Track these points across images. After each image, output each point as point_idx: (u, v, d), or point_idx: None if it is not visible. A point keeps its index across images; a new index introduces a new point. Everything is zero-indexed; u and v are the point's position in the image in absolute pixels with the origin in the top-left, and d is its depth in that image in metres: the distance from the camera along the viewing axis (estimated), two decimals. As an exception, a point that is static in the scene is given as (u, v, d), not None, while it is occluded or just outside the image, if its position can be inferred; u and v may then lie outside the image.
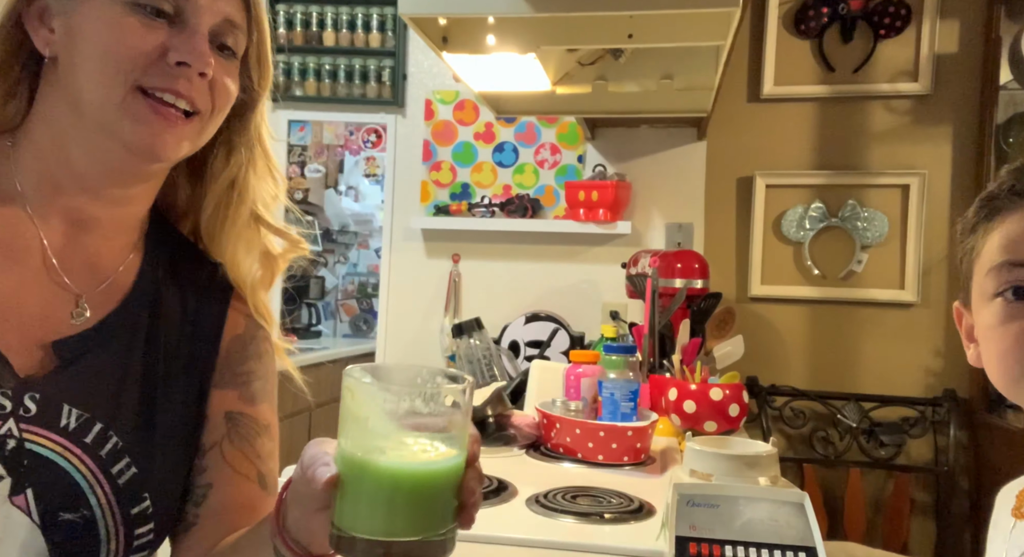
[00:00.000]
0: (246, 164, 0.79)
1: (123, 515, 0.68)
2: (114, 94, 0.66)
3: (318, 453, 0.56)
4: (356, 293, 4.55)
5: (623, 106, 2.27)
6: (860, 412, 2.51)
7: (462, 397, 0.56)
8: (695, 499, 0.94)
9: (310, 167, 4.54)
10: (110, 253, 0.74)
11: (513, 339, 2.70)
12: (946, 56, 2.51)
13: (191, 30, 0.69)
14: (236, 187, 0.79)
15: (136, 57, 0.66)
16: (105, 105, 0.67)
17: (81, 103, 0.68)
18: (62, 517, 0.65)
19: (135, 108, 0.67)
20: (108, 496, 0.67)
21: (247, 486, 0.76)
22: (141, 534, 0.69)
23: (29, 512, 0.64)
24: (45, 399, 0.66)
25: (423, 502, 0.56)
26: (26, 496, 0.64)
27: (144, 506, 0.69)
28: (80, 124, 0.69)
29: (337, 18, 2.92)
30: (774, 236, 2.64)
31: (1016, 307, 0.69)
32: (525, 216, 2.76)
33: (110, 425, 0.68)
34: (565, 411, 1.56)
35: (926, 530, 2.51)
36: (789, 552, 0.87)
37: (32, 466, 0.64)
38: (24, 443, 0.64)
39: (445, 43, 1.55)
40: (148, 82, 0.67)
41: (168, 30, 0.68)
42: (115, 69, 0.66)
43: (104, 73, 0.66)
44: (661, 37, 1.52)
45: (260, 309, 0.82)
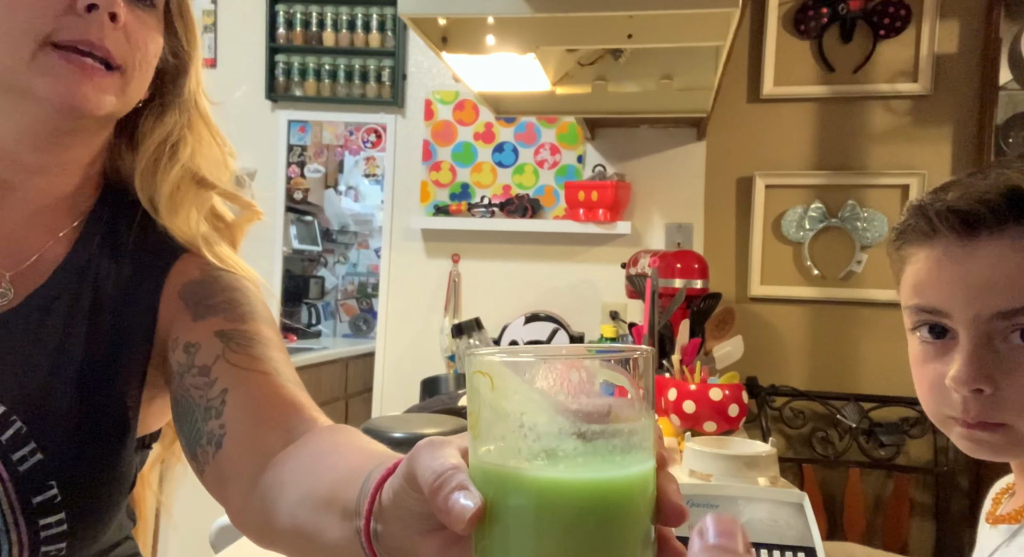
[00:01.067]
0: (182, 126, 0.75)
1: (23, 505, 0.62)
2: (23, 51, 0.61)
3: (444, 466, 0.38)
4: (356, 293, 4.55)
5: (623, 106, 2.27)
6: (860, 412, 2.51)
7: (648, 374, 0.39)
8: (694, 499, 0.94)
9: (310, 167, 4.54)
10: (36, 228, 0.69)
11: (513, 339, 2.70)
12: (946, 56, 2.52)
13: None
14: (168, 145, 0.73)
15: (43, 10, 0.61)
16: (13, 65, 0.62)
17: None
18: None
19: (47, 63, 0.61)
20: (7, 485, 0.62)
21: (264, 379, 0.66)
22: (48, 524, 0.63)
23: None
24: None
25: (619, 529, 0.36)
26: None
27: (50, 495, 0.63)
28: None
29: (337, 18, 2.92)
30: (774, 236, 2.64)
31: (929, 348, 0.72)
32: (525, 216, 2.76)
33: (15, 409, 0.63)
34: (565, 411, 1.56)
35: (926, 530, 2.51)
36: (789, 552, 0.88)
37: None
38: None
39: (445, 43, 1.55)
40: (59, 36, 0.62)
41: None
42: (22, 26, 0.61)
43: (9, 31, 0.61)
44: (661, 37, 1.52)
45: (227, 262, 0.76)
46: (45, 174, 0.68)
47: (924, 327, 0.72)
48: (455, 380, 2.15)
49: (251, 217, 0.82)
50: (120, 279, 0.71)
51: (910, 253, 0.73)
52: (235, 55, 2.96)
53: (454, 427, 1.28)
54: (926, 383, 0.72)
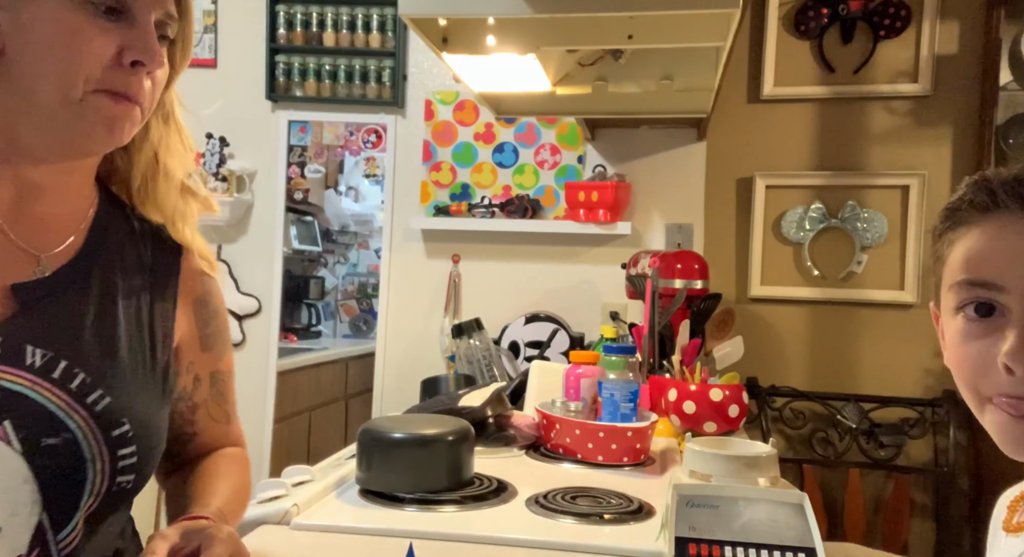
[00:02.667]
0: (162, 135, 0.85)
1: (104, 436, 0.73)
2: (74, 93, 0.71)
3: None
4: (356, 293, 4.55)
5: (623, 107, 2.27)
6: (860, 413, 2.51)
7: None
8: (695, 500, 0.94)
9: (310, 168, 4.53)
10: (62, 218, 0.80)
11: (513, 340, 2.70)
12: (946, 57, 2.52)
13: (141, 27, 0.73)
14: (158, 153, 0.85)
15: (95, 63, 0.71)
16: (64, 103, 0.71)
17: (35, 96, 0.71)
18: (44, 442, 0.70)
19: (96, 104, 0.72)
20: (87, 421, 0.72)
21: (218, 426, 0.97)
22: (125, 455, 0.74)
23: (8, 440, 0.68)
24: (7, 340, 0.71)
25: None
26: (4, 427, 0.68)
27: (123, 430, 0.75)
28: (32, 112, 0.72)
29: (337, 18, 2.91)
30: (774, 237, 2.64)
31: (975, 325, 0.68)
32: (525, 217, 2.76)
33: (75, 362, 0.73)
34: (565, 412, 1.56)
35: (926, 531, 2.51)
36: (789, 553, 0.88)
37: (5, 399, 0.69)
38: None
39: (445, 44, 1.55)
40: (105, 85, 0.72)
41: (118, 27, 0.72)
42: (75, 74, 0.70)
43: (63, 76, 0.70)
44: (661, 38, 1.52)
45: (205, 252, 0.91)
46: (71, 175, 0.79)
47: (971, 305, 0.67)
48: (455, 381, 2.15)
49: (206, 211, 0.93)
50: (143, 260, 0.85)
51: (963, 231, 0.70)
52: (235, 55, 2.96)
53: (454, 427, 1.28)
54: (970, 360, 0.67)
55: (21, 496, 0.69)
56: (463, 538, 1.08)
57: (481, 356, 2.52)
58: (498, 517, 1.16)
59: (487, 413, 1.59)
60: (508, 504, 1.22)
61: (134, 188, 0.86)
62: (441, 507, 1.19)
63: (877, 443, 2.51)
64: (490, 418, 1.60)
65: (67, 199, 0.80)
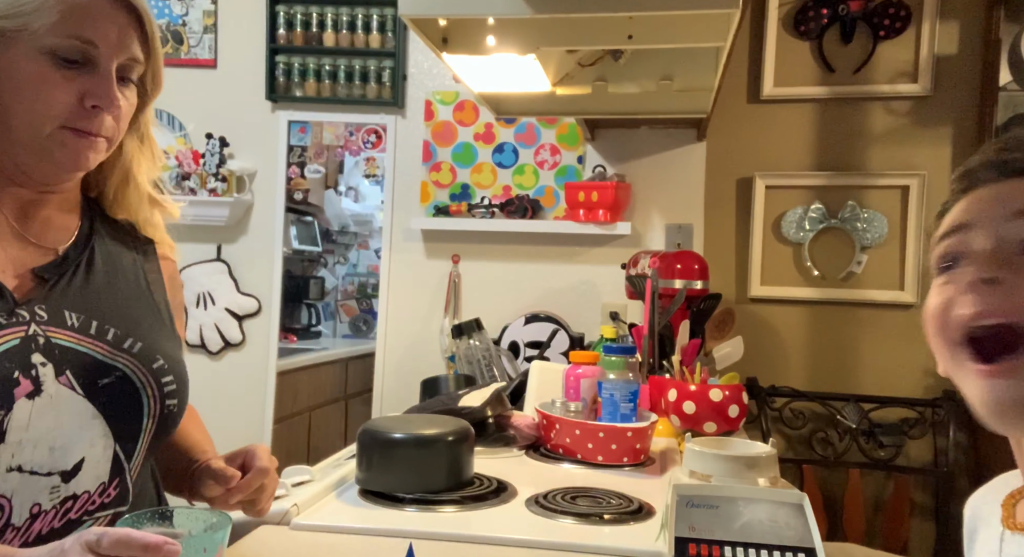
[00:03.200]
0: (136, 153, 0.97)
1: (148, 369, 0.88)
2: (42, 131, 0.83)
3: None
4: (356, 293, 4.55)
5: (623, 107, 2.27)
6: (859, 413, 2.51)
7: None
8: (694, 500, 0.94)
9: (310, 168, 4.53)
10: (66, 218, 0.93)
11: (513, 340, 2.70)
12: (946, 57, 2.52)
13: (101, 74, 0.84)
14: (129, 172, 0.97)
15: (59, 105, 0.82)
16: (34, 136, 0.83)
17: (12, 131, 0.84)
18: (101, 382, 0.84)
19: (61, 139, 0.84)
20: (130, 360, 0.87)
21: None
22: (167, 382, 0.90)
23: (73, 387, 0.83)
24: (50, 309, 0.85)
25: None
26: (67, 376, 0.83)
27: (160, 363, 0.90)
28: (13, 146, 0.85)
29: (337, 19, 2.91)
30: (774, 237, 2.64)
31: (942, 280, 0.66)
32: (525, 217, 2.76)
33: (104, 321, 0.88)
34: (565, 412, 1.56)
35: (925, 531, 2.51)
36: (788, 553, 0.88)
37: (61, 354, 0.83)
38: (50, 339, 0.83)
39: (445, 44, 1.55)
40: (70, 123, 0.83)
41: (81, 75, 0.83)
42: (43, 116, 0.82)
43: (33, 116, 0.82)
44: (661, 38, 1.52)
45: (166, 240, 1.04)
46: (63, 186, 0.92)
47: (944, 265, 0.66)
48: (455, 381, 2.15)
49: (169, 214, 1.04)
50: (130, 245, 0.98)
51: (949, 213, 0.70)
52: (235, 55, 2.96)
53: (454, 427, 1.28)
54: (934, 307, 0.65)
55: (95, 430, 0.84)
56: (463, 538, 1.08)
57: (481, 356, 2.52)
58: (498, 517, 1.16)
59: (487, 413, 1.59)
60: (508, 504, 1.22)
61: (108, 197, 0.99)
62: (441, 507, 1.19)
63: (877, 443, 2.51)
64: (490, 418, 1.60)
65: (65, 203, 0.93)
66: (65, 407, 0.82)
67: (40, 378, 0.81)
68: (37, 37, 0.81)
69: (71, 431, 0.82)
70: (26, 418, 0.78)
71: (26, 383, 0.79)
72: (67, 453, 0.81)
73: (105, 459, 0.85)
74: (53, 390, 0.81)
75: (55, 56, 0.81)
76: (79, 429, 0.82)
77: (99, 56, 0.84)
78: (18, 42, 0.81)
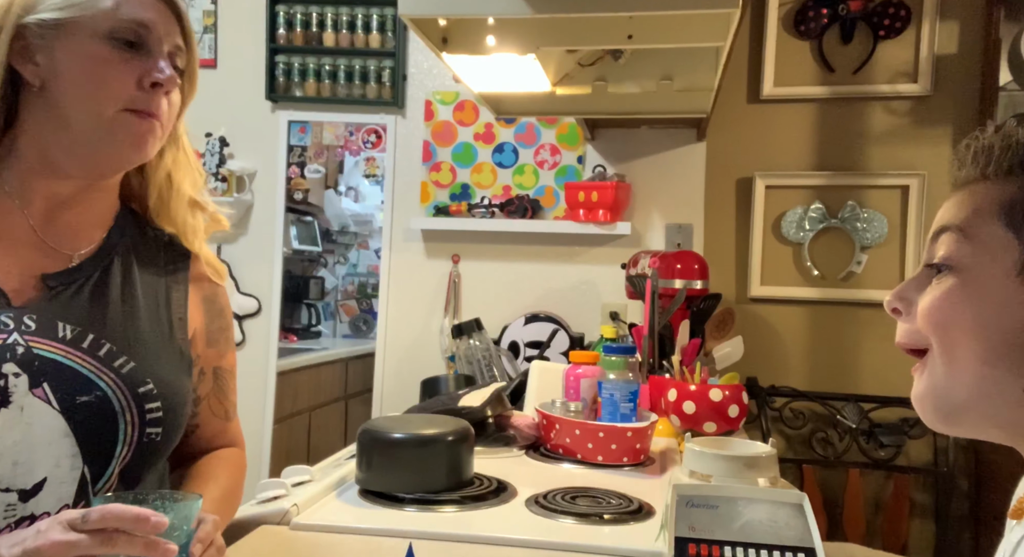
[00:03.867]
0: (174, 157, 0.98)
1: (132, 393, 0.85)
2: (104, 113, 0.84)
3: None
4: (356, 293, 4.55)
5: (623, 107, 2.27)
6: (860, 413, 2.51)
7: None
8: (694, 500, 0.94)
9: (310, 168, 4.53)
10: (91, 223, 0.93)
11: (513, 340, 2.70)
12: (946, 57, 2.52)
13: (156, 56, 0.87)
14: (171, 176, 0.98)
15: (120, 86, 0.84)
16: (96, 121, 0.84)
17: (71, 119, 0.84)
18: (79, 400, 0.82)
19: (124, 121, 0.85)
20: (115, 380, 0.84)
21: (218, 422, 1.05)
22: (152, 409, 0.86)
23: (48, 400, 0.80)
24: (41, 318, 0.83)
25: None
26: (43, 389, 0.80)
27: (148, 388, 0.86)
28: (68, 135, 0.85)
29: (337, 19, 2.91)
30: (774, 237, 2.64)
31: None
32: (525, 217, 2.76)
33: (101, 336, 0.86)
34: (565, 412, 1.56)
35: (925, 531, 2.51)
36: (788, 553, 0.88)
37: (42, 365, 0.81)
38: (31, 349, 0.81)
39: (445, 44, 1.55)
40: (132, 104, 0.85)
41: (138, 57, 0.86)
42: (105, 95, 0.84)
43: (95, 100, 0.84)
44: (661, 38, 1.52)
45: (212, 261, 1.03)
46: (95, 192, 0.92)
47: None
48: (455, 381, 2.15)
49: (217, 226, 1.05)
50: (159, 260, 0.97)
51: None
52: (235, 55, 2.96)
53: (454, 428, 1.28)
54: None
55: (63, 449, 0.80)
56: (463, 538, 1.08)
57: (481, 356, 2.52)
58: (498, 517, 1.16)
59: (487, 413, 1.59)
60: (508, 504, 1.22)
61: (150, 204, 0.99)
62: (441, 507, 1.19)
63: (877, 443, 2.51)
64: (490, 418, 1.60)
65: (91, 210, 0.93)
66: (36, 420, 0.79)
67: (9, 388, 0.79)
68: (95, 22, 0.84)
69: (38, 446, 0.79)
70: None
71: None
72: (30, 470, 0.79)
73: (71, 480, 0.81)
74: (24, 402, 0.79)
75: (113, 39, 0.84)
76: (47, 445, 0.80)
77: (152, 39, 0.87)
78: (76, 31, 0.84)
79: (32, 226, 0.88)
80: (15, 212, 0.88)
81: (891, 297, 0.69)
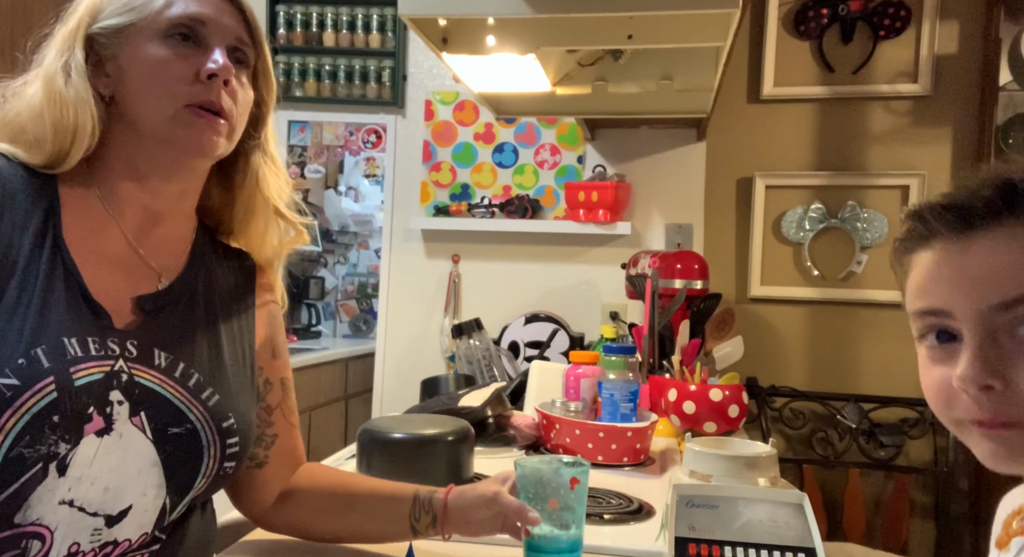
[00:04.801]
0: (262, 166, 0.97)
1: (217, 428, 0.86)
2: (166, 112, 0.84)
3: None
4: (356, 293, 4.55)
5: (623, 107, 2.27)
6: (860, 413, 2.51)
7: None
8: (694, 500, 0.94)
9: (310, 168, 4.53)
10: (177, 240, 0.93)
11: (513, 340, 2.70)
12: (946, 57, 2.52)
13: (212, 49, 0.86)
14: (259, 187, 0.97)
15: (178, 82, 0.84)
16: (159, 121, 0.84)
17: (139, 123, 0.85)
18: (171, 431, 0.83)
19: (185, 118, 0.84)
20: (203, 414, 0.85)
21: (295, 433, 1.04)
22: (231, 444, 0.88)
23: (144, 429, 0.81)
24: (141, 344, 0.84)
25: None
26: (141, 418, 0.81)
27: (230, 422, 0.88)
28: (141, 140, 0.86)
29: (337, 19, 2.92)
30: (774, 237, 2.64)
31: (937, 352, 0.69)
32: (525, 217, 2.76)
33: (191, 364, 0.87)
34: (565, 412, 1.56)
35: (925, 531, 2.51)
36: (788, 553, 0.88)
37: (142, 394, 0.82)
38: (134, 377, 0.82)
39: (445, 44, 1.55)
40: (191, 99, 0.84)
41: (195, 53, 0.85)
42: (164, 93, 0.84)
43: (157, 97, 0.84)
44: (661, 38, 1.52)
45: (277, 284, 1.04)
46: (178, 201, 0.91)
47: (931, 334, 0.69)
48: (455, 380, 2.15)
49: (299, 240, 1.03)
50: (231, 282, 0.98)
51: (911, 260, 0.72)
52: (235, 55, 2.96)
53: (454, 428, 1.28)
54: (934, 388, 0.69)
55: (151, 478, 0.82)
56: (463, 538, 1.08)
57: (481, 356, 2.52)
58: (498, 517, 1.16)
59: (487, 413, 1.59)
60: (508, 504, 1.22)
61: (235, 212, 0.98)
62: (441, 507, 1.18)
63: (877, 443, 2.51)
64: (490, 418, 1.60)
65: (179, 224, 0.93)
66: (132, 448, 0.80)
67: (113, 416, 0.79)
68: (151, 24, 0.85)
69: (129, 474, 0.80)
70: (91, 455, 0.77)
71: (98, 420, 0.78)
72: (119, 496, 0.79)
73: (153, 509, 0.82)
74: (124, 429, 0.80)
75: (168, 37, 0.85)
76: (137, 473, 0.80)
77: (208, 34, 0.86)
78: (136, 34, 0.85)
79: (129, 241, 0.88)
80: (111, 225, 0.87)
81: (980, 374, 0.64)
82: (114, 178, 0.87)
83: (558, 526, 0.88)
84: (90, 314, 0.81)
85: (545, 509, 0.88)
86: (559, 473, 0.88)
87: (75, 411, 0.76)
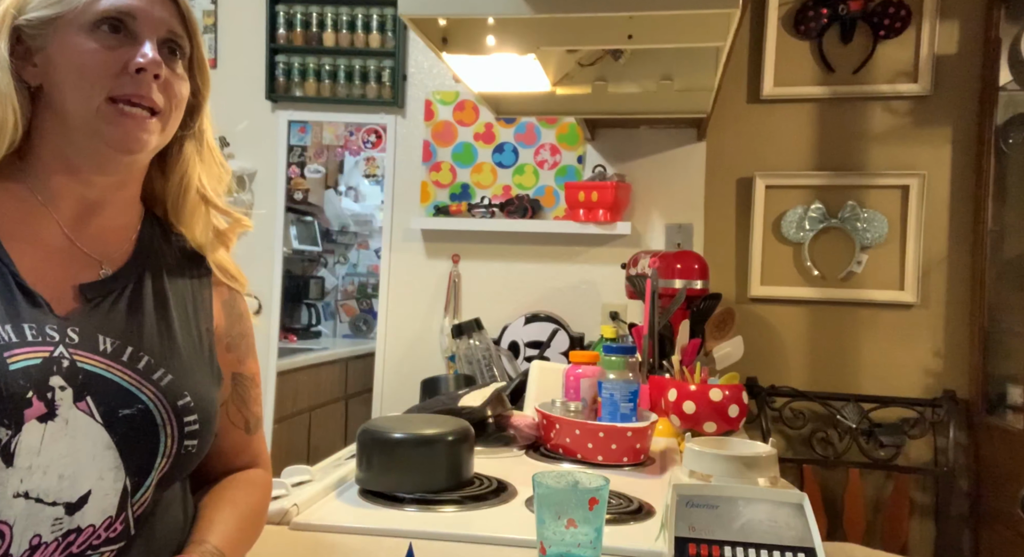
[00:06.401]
0: (195, 155, 0.97)
1: (171, 406, 0.85)
2: (91, 105, 0.83)
3: None
4: (356, 293, 4.54)
5: (623, 107, 2.27)
6: (860, 413, 2.51)
7: None
8: (694, 500, 0.94)
9: (310, 168, 4.53)
10: (119, 229, 0.92)
11: (513, 340, 2.70)
12: (946, 57, 2.52)
13: (142, 42, 0.85)
14: (186, 176, 0.96)
15: (104, 74, 0.83)
16: (85, 115, 0.83)
17: (67, 116, 0.84)
18: (121, 413, 0.82)
19: (109, 114, 0.83)
20: (155, 394, 0.85)
21: (237, 433, 1.02)
22: (189, 422, 0.87)
23: (92, 414, 0.81)
24: (83, 331, 0.83)
25: None
26: (87, 402, 0.80)
27: (186, 401, 0.87)
28: (69, 132, 0.85)
29: (337, 18, 2.91)
30: (774, 237, 2.64)
31: None
32: (525, 217, 2.76)
33: (139, 348, 0.86)
34: (565, 412, 1.56)
35: (925, 531, 2.51)
36: (788, 553, 0.88)
37: (86, 379, 0.81)
38: (76, 362, 0.81)
39: (445, 44, 1.55)
40: (116, 92, 0.83)
41: (123, 45, 0.84)
42: (89, 85, 0.83)
43: (81, 89, 0.83)
44: (661, 38, 1.52)
45: (226, 267, 1.01)
46: (116, 191, 0.90)
47: None
48: (455, 381, 2.15)
49: (242, 227, 1.03)
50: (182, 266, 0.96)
51: None
52: (235, 55, 2.96)
53: (454, 428, 1.28)
54: None
55: (106, 462, 0.81)
56: (463, 538, 1.08)
57: (481, 356, 2.52)
58: (498, 517, 1.16)
59: (487, 413, 1.59)
60: (508, 504, 1.22)
61: (168, 204, 0.97)
62: (441, 507, 1.19)
63: (877, 443, 2.51)
64: (490, 418, 1.60)
65: (120, 213, 0.92)
66: (81, 433, 0.80)
67: (56, 402, 0.78)
68: (79, 15, 0.83)
69: (83, 460, 0.79)
70: (37, 443, 0.77)
71: (39, 405, 0.77)
72: (75, 483, 0.79)
73: (114, 492, 0.82)
74: (69, 415, 0.79)
75: (96, 28, 0.83)
76: (91, 458, 0.80)
77: (138, 26, 0.85)
78: (64, 26, 0.84)
79: (65, 232, 0.87)
80: (46, 217, 0.87)
81: None
82: (47, 170, 0.87)
83: (576, 546, 0.87)
84: (26, 302, 0.81)
85: (562, 529, 0.87)
86: (577, 490, 0.88)
87: (11, 395, 0.76)
